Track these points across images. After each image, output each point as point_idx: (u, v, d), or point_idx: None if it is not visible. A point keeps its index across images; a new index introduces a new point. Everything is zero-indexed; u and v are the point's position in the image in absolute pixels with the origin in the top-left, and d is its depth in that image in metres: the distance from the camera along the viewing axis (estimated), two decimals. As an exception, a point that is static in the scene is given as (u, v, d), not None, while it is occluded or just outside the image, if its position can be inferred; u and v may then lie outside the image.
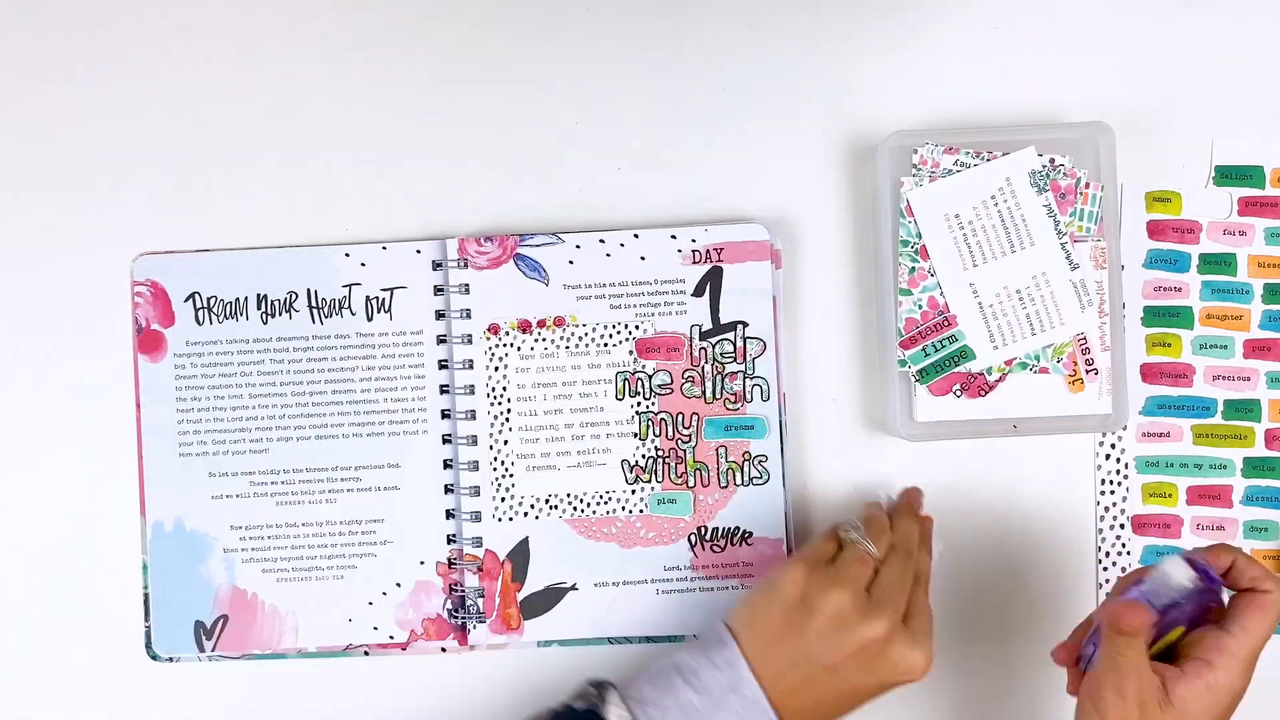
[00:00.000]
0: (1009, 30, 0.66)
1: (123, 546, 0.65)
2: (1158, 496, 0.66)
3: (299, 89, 0.66)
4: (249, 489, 0.65)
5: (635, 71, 0.66)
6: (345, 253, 0.65)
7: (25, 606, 0.65)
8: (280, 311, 0.65)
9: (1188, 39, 0.67)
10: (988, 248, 0.62)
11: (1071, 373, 0.63)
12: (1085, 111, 0.66)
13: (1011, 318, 0.62)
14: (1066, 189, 0.63)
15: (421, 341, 0.65)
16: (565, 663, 0.65)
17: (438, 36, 0.66)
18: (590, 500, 0.65)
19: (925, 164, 0.63)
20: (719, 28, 0.66)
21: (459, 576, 0.64)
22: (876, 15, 0.66)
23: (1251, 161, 0.66)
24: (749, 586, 0.64)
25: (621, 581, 0.64)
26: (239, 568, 0.65)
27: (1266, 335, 0.66)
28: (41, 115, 0.66)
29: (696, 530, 0.64)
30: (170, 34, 0.66)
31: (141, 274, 0.65)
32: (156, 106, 0.66)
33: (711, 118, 0.66)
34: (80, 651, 0.65)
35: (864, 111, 0.66)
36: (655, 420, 0.65)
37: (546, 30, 0.66)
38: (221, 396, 0.65)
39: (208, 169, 0.66)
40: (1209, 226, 0.66)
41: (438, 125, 0.66)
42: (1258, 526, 0.65)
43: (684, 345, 0.65)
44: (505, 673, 0.65)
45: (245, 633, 0.64)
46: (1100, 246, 0.63)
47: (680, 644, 0.60)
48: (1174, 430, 0.66)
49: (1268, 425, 0.65)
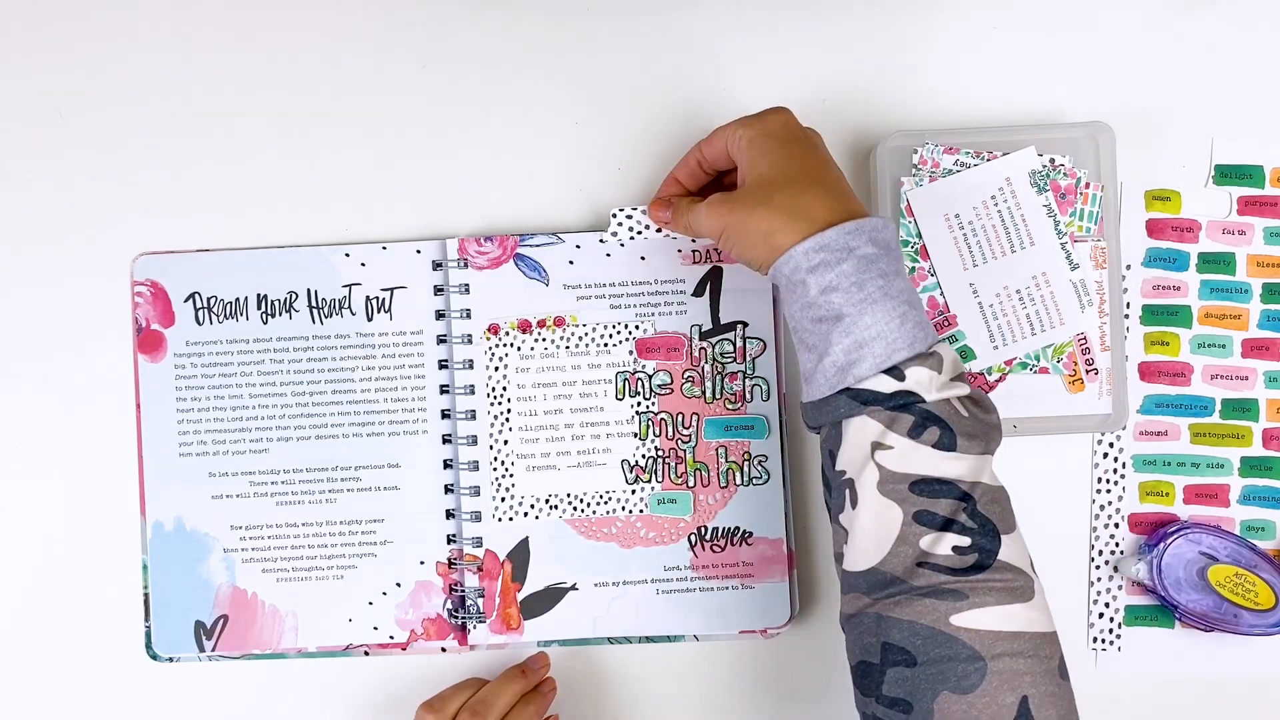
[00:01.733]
0: (1009, 30, 0.67)
1: (123, 546, 0.65)
2: (1155, 495, 0.66)
3: (299, 90, 0.66)
4: (249, 489, 0.65)
5: (635, 71, 0.66)
6: (345, 253, 0.65)
7: (25, 606, 0.65)
8: (280, 311, 0.65)
9: (1187, 39, 0.67)
10: (988, 248, 0.63)
11: (1071, 373, 0.63)
12: (1085, 111, 0.66)
13: (1011, 318, 0.63)
14: (1066, 189, 0.63)
15: (421, 341, 0.65)
16: (565, 663, 0.65)
17: (437, 37, 0.66)
18: (590, 500, 0.65)
19: (925, 164, 0.63)
20: (718, 28, 0.66)
21: (459, 576, 0.64)
22: (876, 15, 0.66)
23: (1251, 161, 0.66)
24: (749, 586, 0.65)
25: (621, 581, 0.64)
26: (239, 568, 0.65)
27: (1265, 335, 0.66)
28: (41, 115, 0.66)
29: (696, 530, 0.64)
30: (170, 34, 0.66)
31: (141, 274, 0.65)
32: (157, 107, 0.66)
33: (711, 118, 0.66)
34: (80, 651, 0.65)
35: (864, 111, 0.66)
36: (655, 420, 0.65)
37: (546, 30, 0.66)
38: (221, 396, 0.65)
39: (208, 169, 0.66)
40: (1208, 226, 0.66)
41: (438, 125, 0.66)
42: (1255, 526, 0.66)
43: (684, 345, 0.65)
44: (505, 672, 0.65)
45: (245, 633, 0.64)
46: (1100, 246, 0.63)
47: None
48: (1171, 429, 0.66)
49: (1265, 425, 0.66)
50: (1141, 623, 0.65)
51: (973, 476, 0.48)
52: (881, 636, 0.47)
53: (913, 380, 0.48)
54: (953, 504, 0.47)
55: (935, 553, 0.47)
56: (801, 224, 0.50)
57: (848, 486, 0.49)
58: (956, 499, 0.47)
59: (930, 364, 0.48)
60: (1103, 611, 0.65)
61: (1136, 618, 0.65)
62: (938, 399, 0.48)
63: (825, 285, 0.49)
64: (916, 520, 0.47)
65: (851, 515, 0.49)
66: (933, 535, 0.47)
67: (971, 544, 0.47)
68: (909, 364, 0.48)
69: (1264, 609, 0.63)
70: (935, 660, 0.46)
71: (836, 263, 0.49)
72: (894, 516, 0.47)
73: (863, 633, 0.49)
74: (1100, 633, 0.65)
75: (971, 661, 0.46)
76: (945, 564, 0.46)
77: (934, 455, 0.47)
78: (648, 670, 0.65)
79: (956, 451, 0.47)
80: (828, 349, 0.49)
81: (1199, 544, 0.63)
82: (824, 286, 0.49)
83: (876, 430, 0.48)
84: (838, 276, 0.49)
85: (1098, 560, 0.65)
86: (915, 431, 0.47)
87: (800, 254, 0.50)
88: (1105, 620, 0.65)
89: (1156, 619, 0.65)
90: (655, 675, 0.65)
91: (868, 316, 0.48)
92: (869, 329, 0.48)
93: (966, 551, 0.47)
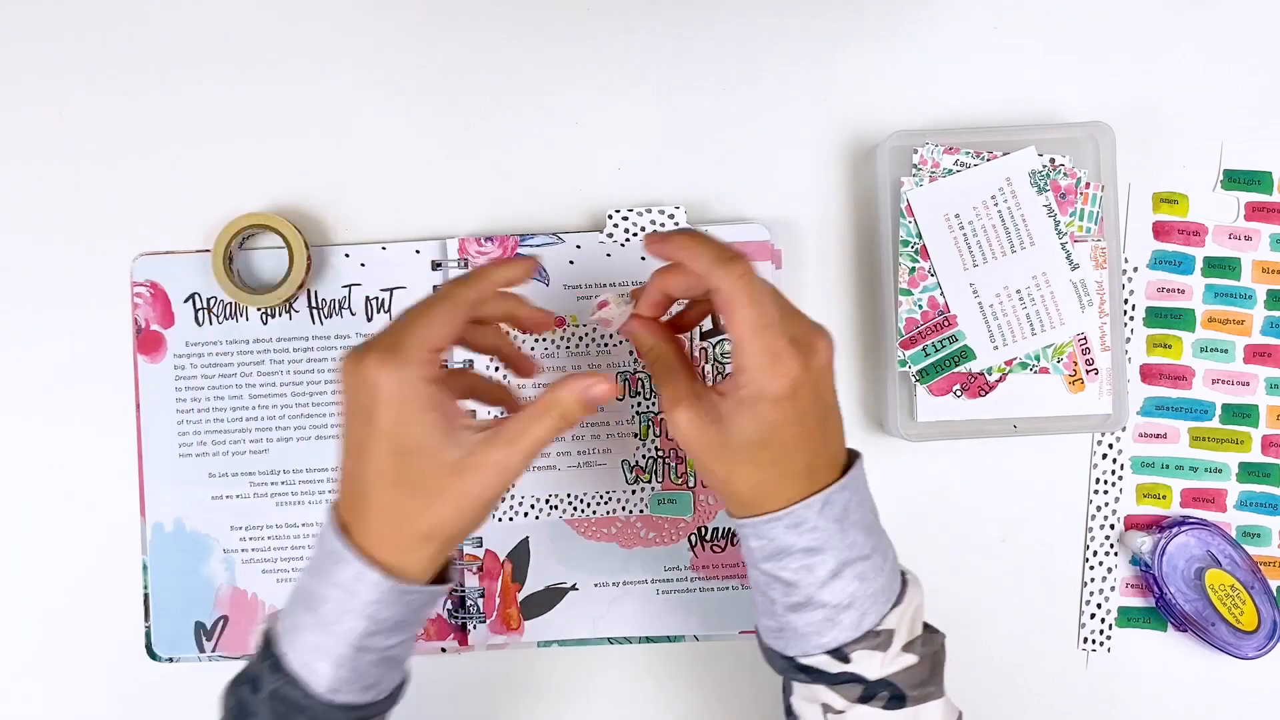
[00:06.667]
0: (1009, 30, 0.66)
1: (123, 546, 0.65)
2: (1152, 498, 0.66)
3: (299, 90, 0.66)
4: (249, 489, 0.65)
5: (635, 72, 0.66)
6: (345, 253, 0.65)
7: (26, 607, 0.65)
8: (280, 312, 0.65)
9: (1191, 38, 0.66)
10: (988, 248, 0.62)
11: (1071, 373, 0.63)
12: (1086, 111, 0.65)
13: (1011, 318, 0.63)
14: (1066, 189, 0.63)
15: (421, 342, 0.65)
16: (565, 663, 0.65)
17: (437, 37, 0.66)
18: (590, 500, 0.65)
19: (925, 164, 0.63)
20: (719, 28, 0.66)
21: (459, 577, 0.64)
22: (877, 15, 0.66)
23: (1260, 167, 0.66)
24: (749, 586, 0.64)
25: (621, 581, 0.65)
26: (239, 568, 0.65)
27: (1268, 341, 0.66)
28: (41, 115, 0.66)
29: (696, 530, 0.65)
30: (170, 35, 0.66)
31: (141, 274, 0.65)
32: (157, 107, 0.66)
33: (711, 118, 0.66)
34: (80, 651, 0.65)
35: (864, 111, 0.66)
36: (655, 420, 0.65)
37: (546, 30, 0.66)
38: (221, 397, 0.65)
39: (208, 169, 0.66)
40: (1215, 230, 0.66)
41: (438, 125, 0.66)
42: (1250, 531, 0.66)
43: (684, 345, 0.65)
44: (505, 673, 0.65)
45: (245, 633, 0.64)
46: (1100, 246, 0.63)
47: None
48: (1171, 432, 0.66)
49: (1265, 431, 0.66)
50: (1134, 624, 0.65)
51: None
52: None
53: (858, 664, 0.46)
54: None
55: None
56: (757, 501, 0.46)
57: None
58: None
59: (878, 644, 0.46)
60: (1094, 612, 0.65)
61: (1129, 619, 0.66)
62: (884, 675, 0.46)
63: (772, 562, 0.47)
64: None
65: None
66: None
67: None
68: (855, 647, 0.46)
69: (1243, 629, 0.63)
70: None
71: (784, 549, 0.46)
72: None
73: None
74: (1091, 633, 0.65)
75: None
76: None
77: (884, 715, 0.46)
78: (648, 670, 0.66)
79: (906, 707, 0.46)
80: (773, 614, 0.47)
81: (1208, 544, 0.63)
82: (771, 563, 0.47)
83: (827, 695, 0.47)
84: (785, 558, 0.46)
85: (1092, 561, 0.65)
86: (865, 696, 0.46)
87: (750, 528, 0.47)
88: (1097, 621, 0.65)
89: (1149, 621, 0.65)
90: (655, 675, 0.66)
91: (815, 597, 0.46)
92: (815, 611, 0.46)
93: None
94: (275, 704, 0.45)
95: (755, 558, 0.47)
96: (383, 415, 0.44)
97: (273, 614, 0.48)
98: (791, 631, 0.47)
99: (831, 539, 0.46)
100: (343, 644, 0.45)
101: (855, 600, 0.46)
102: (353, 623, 0.45)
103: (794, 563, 0.46)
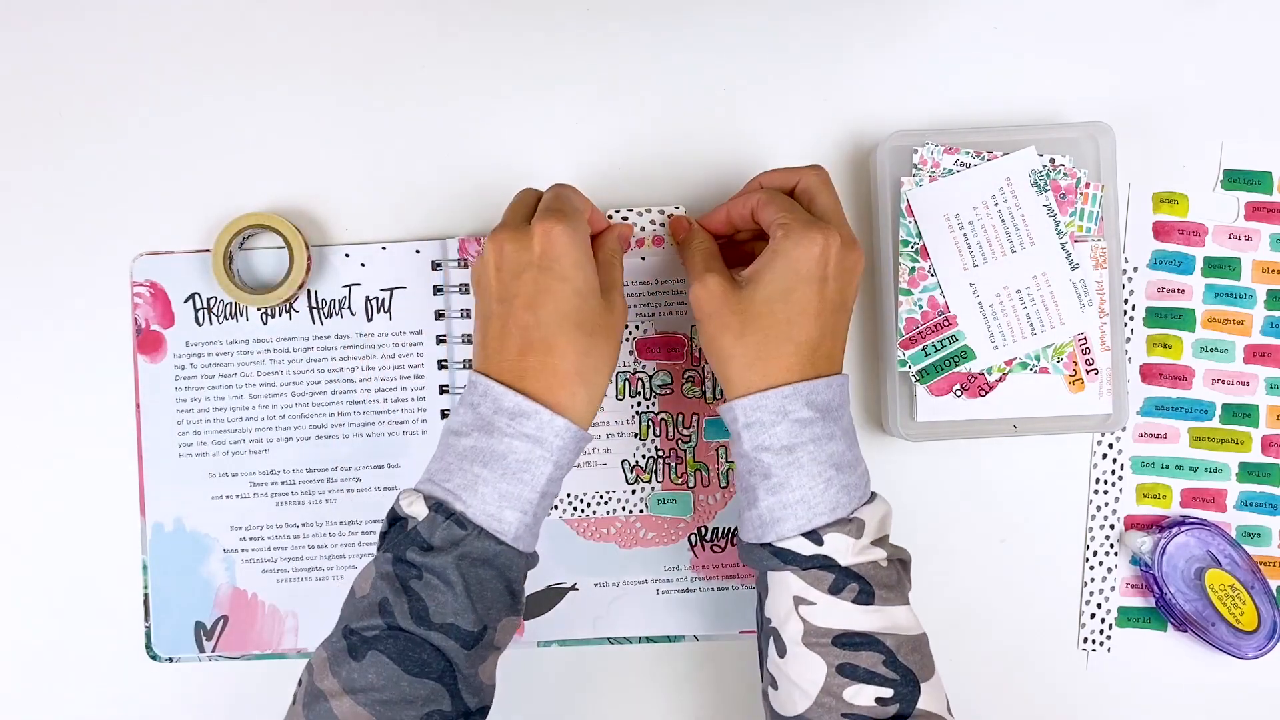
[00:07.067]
0: (1009, 30, 0.66)
1: (123, 546, 0.65)
2: (1152, 498, 0.66)
3: (298, 90, 0.66)
4: (249, 489, 0.65)
5: (635, 72, 0.66)
6: (345, 253, 0.65)
7: (25, 606, 0.65)
8: (280, 312, 0.65)
9: (1195, 38, 0.66)
10: (988, 248, 0.62)
11: (1071, 373, 0.63)
12: (1086, 111, 0.65)
13: (1011, 318, 0.62)
14: (1066, 189, 0.63)
15: (421, 342, 0.65)
16: (565, 663, 0.65)
17: (438, 38, 0.66)
18: (590, 500, 0.65)
19: (925, 164, 0.63)
20: (719, 28, 0.66)
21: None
22: (877, 15, 0.66)
23: (1260, 167, 0.66)
24: (749, 587, 0.65)
25: (621, 581, 0.65)
26: (239, 568, 0.65)
27: (1268, 341, 0.66)
28: (41, 115, 0.66)
29: (696, 530, 0.65)
30: (170, 35, 0.66)
31: (141, 274, 0.65)
32: (157, 106, 0.66)
33: (711, 118, 0.66)
34: (80, 651, 0.65)
35: (864, 111, 0.66)
36: (655, 420, 0.65)
37: (546, 30, 0.66)
38: (221, 397, 0.65)
39: (208, 169, 0.66)
40: (1215, 230, 0.66)
41: (438, 125, 0.66)
42: (1250, 532, 0.66)
43: (684, 345, 0.65)
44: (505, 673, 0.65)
45: (245, 633, 0.64)
46: (1100, 246, 0.63)
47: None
48: (1171, 432, 0.66)
49: (1265, 431, 0.66)
50: (1134, 624, 0.65)
51: (893, 629, 0.50)
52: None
53: (830, 546, 0.50)
54: (874, 655, 0.49)
55: (858, 704, 0.48)
56: (754, 375, 0.51)
57: (774, 635, 0.51)
58: (877, 651, 0.49)
59: (850, 530, 0.50)
60: (1094, 612, 0.65)
61: (1129, 619, 0.65)
62: (854, 563, 0.50)
63: (757, 444, 0.51)
64: (839, 672, 0.49)
65: (778, 664, 0.51)
66: (855, 687, 0.49)
67: (894, 694, 0.49)
68: (828, 529, 0.50)
69: (1243, 630, 0.63)
70: None
71: (770, 425, 0.51)
72: (818, 668, 0.49)
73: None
74: (1091, 633, 0.65)
75: None
76: (868, 714, 0.48)
77: (854, 610, 0.49)
78: (648, 670, 0.66)
79: (875, 605, 0.49)
80: (755, 502, 0.51)
81: (1208, 544, 0.63)
82: (756, 444, 0.51)
83: (798, 585, 0.50)
84: (770, 438, 0.51)
85: (1092, 561, 0.65)
86: (835, 588, 0.49)
87: (739, 409, 0.51)
88: (1097, 621, 0.65)
89: (1149, 621, 0.65)
90: (655, 675, 0.66)
91: (793, 479, 0.50)
92: (793, 492, 0.50)
93: (889, 702, 0.49)
94: (463, 563, 0.49)
95: (742, 443, 0.51)
96: (565, 261, 0.51)
97: (408, 491, 0.52)
98: (770, 517, 0.51)
99: (815, 428, 0.50)
100: (531, 490, 0.50)
101: (831, 485, 0.50)
102: (541, 468, 0.50)
103: (778, 442, 0.50)
